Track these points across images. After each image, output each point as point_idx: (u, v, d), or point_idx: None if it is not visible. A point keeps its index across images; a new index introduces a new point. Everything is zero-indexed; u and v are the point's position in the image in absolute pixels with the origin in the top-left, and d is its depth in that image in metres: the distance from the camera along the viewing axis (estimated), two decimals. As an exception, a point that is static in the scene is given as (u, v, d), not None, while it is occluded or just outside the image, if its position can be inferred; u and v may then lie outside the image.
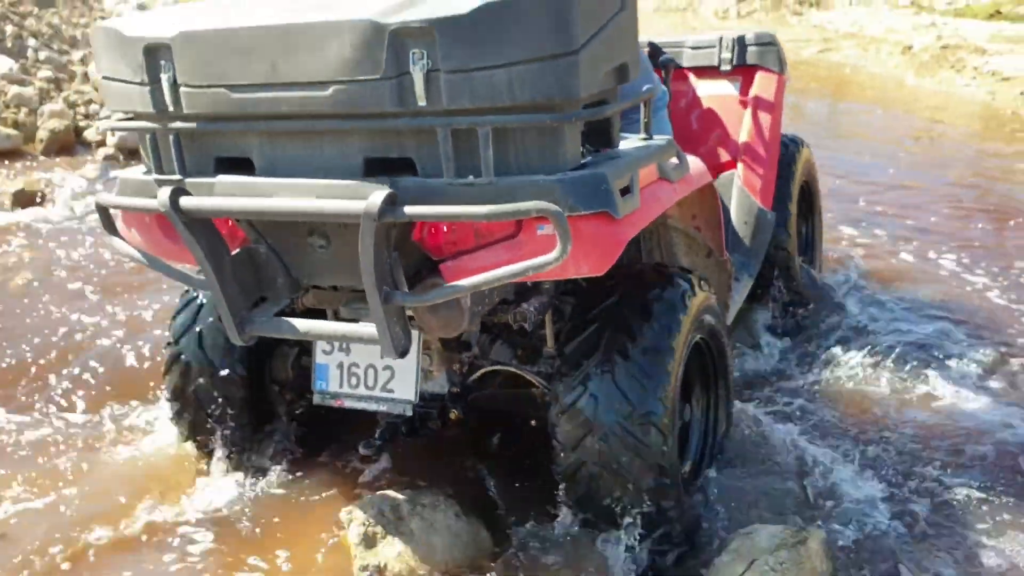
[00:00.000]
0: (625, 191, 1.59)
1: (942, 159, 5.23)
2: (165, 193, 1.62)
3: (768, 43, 2.78)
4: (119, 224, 1.88)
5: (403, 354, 1.68)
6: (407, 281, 1.64)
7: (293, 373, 2.24)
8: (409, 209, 1.50)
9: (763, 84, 2.75)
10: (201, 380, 2.21)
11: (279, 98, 1.59)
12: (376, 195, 1.49)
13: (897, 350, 2.67)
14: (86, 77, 5.84)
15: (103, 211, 1.81)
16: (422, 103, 1.50)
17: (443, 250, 1.69)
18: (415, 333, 1.88)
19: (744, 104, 2.77)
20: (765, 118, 2.70)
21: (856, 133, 5.85)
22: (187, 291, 2.27)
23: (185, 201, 1.64)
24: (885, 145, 5.47)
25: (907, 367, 2.60)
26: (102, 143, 5.22)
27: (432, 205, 1.51)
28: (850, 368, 2.62)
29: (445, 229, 1.67)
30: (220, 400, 2.22)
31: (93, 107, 5.57)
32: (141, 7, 9.49)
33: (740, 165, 2.69)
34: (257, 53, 1.58)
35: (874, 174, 4.78)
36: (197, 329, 2.21)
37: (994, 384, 2.54)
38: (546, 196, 1.48)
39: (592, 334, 1.87)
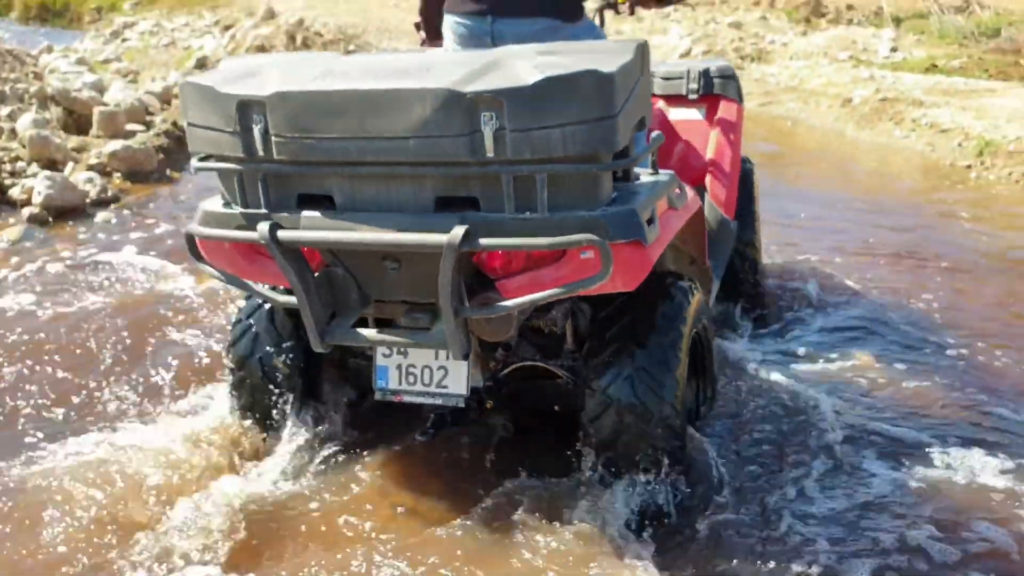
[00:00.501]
0: (649, 221, 2.01)
1: (884, 208, 5.24)
2: (264, 226, 2.02)
3: (729, 76, 3.30)
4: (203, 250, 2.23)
5: (466, 356, 2.14)
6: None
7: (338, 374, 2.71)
8: (485, 241, 1.94)
9: (726, 111, 3.24)
10: (268, 348, 2.56)
11: (365, 147, 1.96)
12: (458, 229, 1.91)
13: (838, 328, 3.52)
14: (13, 133, 5.64)
15: (191, 240, 2.18)
16: (490, 155, 1.89)
17: (498, 271, 2.13)
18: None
19: (709, 128, 3.24)
20: (728, 140, 3.15)
21: (798, 182, 5.85)
22: (243, 310, 2.66)
23: (284, 234, 2.03)
24: (826, 193, 5.48)
25: (849, 337, 3.46)
26: (27, 202, 5.00)
27: (499, 237, 1.94)
28: (810, 339, 3.46)
29: (501, 254, 2.09)
30: (282, 369, 2.57)
31: (20, 164, 5.35)
32: (80, 61, 9.33)
33: (708, 181, 3.10)
34: (347, 112, 1.94)
35: (815, 222, 4.76)
36: (268, 306, 2.57)
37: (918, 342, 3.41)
38: (591, 229, 1.90)
39: (617, 332, 2.33)
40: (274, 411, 2.60)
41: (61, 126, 5.76)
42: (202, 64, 8.91)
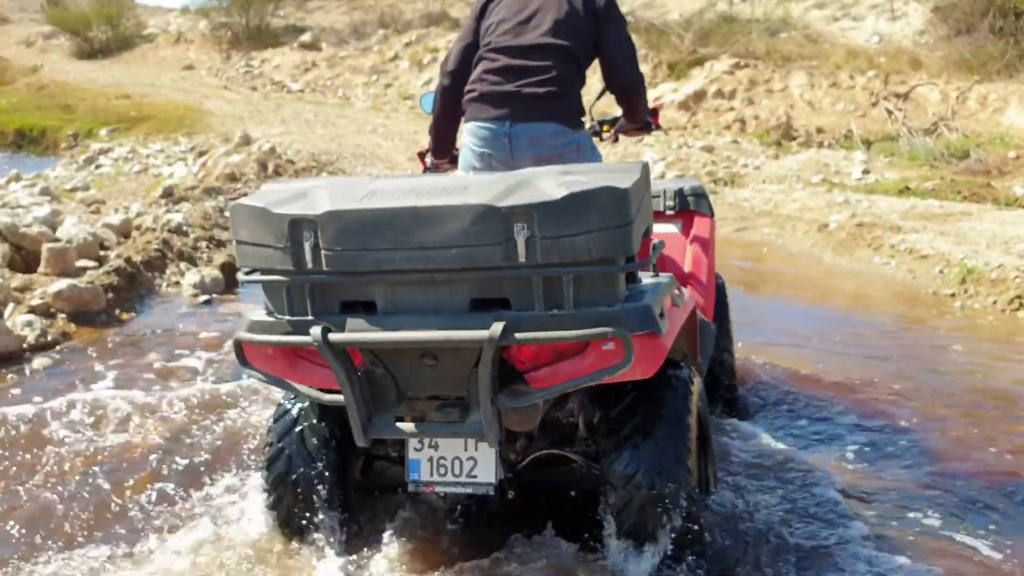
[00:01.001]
0: (661, 315, 2.26)
1: (869, 343, 4.99)
2: (317, 330, 2.24)
3: (701, 194, 3.67)
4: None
5: (500, 444, 2.36)
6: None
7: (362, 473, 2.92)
8: (521, 335, 2.17)
9: (700, 226, 3.58)
10: (302, 470, 2.73)
11: (409, 257, 2.21)
12: (497, 325, 2.15)
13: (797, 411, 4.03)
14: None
15: (238, 346, 2.41)
16: (522, 260, 2.16)
17: (527, 364, 2.34)
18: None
19: (686, 241, 3.55)
20: (703, 252, 3.45)
21: (778, 314, 5.62)
22: (281, 403, 2.84)
23: (337, 336, 2.26)
24: (806, 321, 5.25)
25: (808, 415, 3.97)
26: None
27: (531, 332, 2.19)
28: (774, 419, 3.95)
29: (531, 348, 2.30)
30: (316, 486, 2.73)
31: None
32: (44, 191, 9.15)
33: (688, 288, 3.19)
34: (394, 227, 2.20)
35: (794, 351, 4.50)
36: (298, 430, 2.75)
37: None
38: (612, 323, 2.15)
39: (632, 425, 2.54)
40: (311, 524, 2.77)
41: (7, 264, 5.49)
42: (169, 193, 8.72)
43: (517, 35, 3.06)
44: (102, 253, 5.91)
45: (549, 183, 2.22)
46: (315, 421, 2.76)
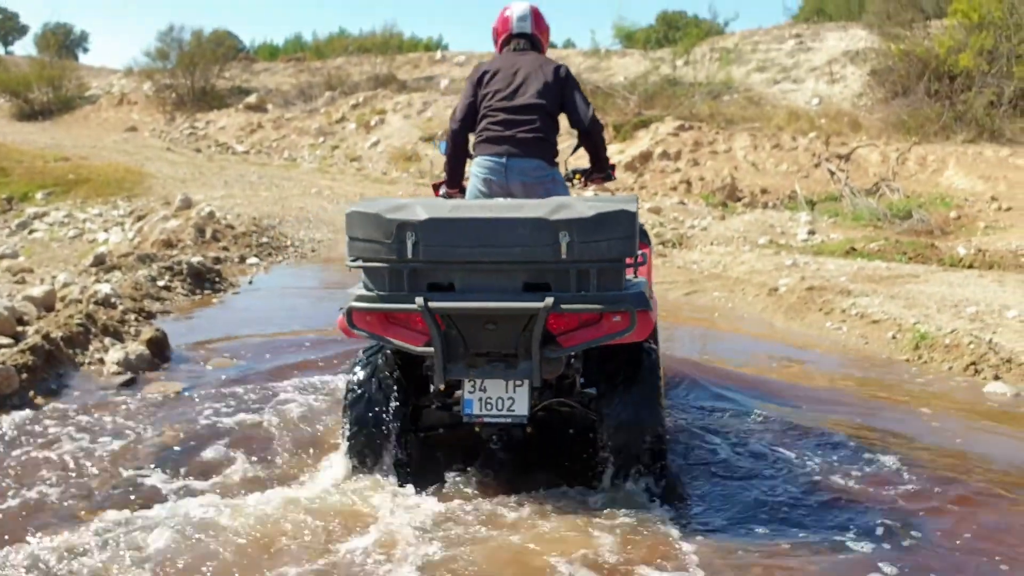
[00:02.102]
0: (649, 299, 3.34)
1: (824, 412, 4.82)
2: (421, 299, 3.20)
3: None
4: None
5: (540, 384, 3.38)
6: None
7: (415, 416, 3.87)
8: (567, 305, 3.20)
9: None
10: (377, 416, 3.63)
11: (484, 252, 3.21)
12: (549, 299, 3.16)
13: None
14: None
15: (349, 313, 3.33)
16: (564, 257, 3.17)
17: (557, 328, 3.33)
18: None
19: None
20: (646, 274, 3.87)
21: (734, 391, 5.43)
22: (360, 362, 3.73)
23: (436, 304, 3.22)
24: (762, 397, 5.06)
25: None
26: None
27: (574, 309, 3.22)
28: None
29: (563, 317, 3.29)
30: (386, 429, 3.63)
31: None
32: (23, 226, 8.78)
33: None
34: (474, 231, 3.21)
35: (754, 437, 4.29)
36: (374, 379, 3.66)
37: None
38: (622, 302, 3.20)
39: (625, 375, 3.59)
40: (379, 458, 3.65)
41: (-86, 343, 5.11)
42: (100, 261, 8.38)
43: (511, 99, 4.26)
44: (19, 329, 5.55)
45: (582, 206, 3.22)
46: (386, 373, 3.69)
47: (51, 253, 10.99)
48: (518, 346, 3.35)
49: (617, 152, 16.70)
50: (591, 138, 4.38)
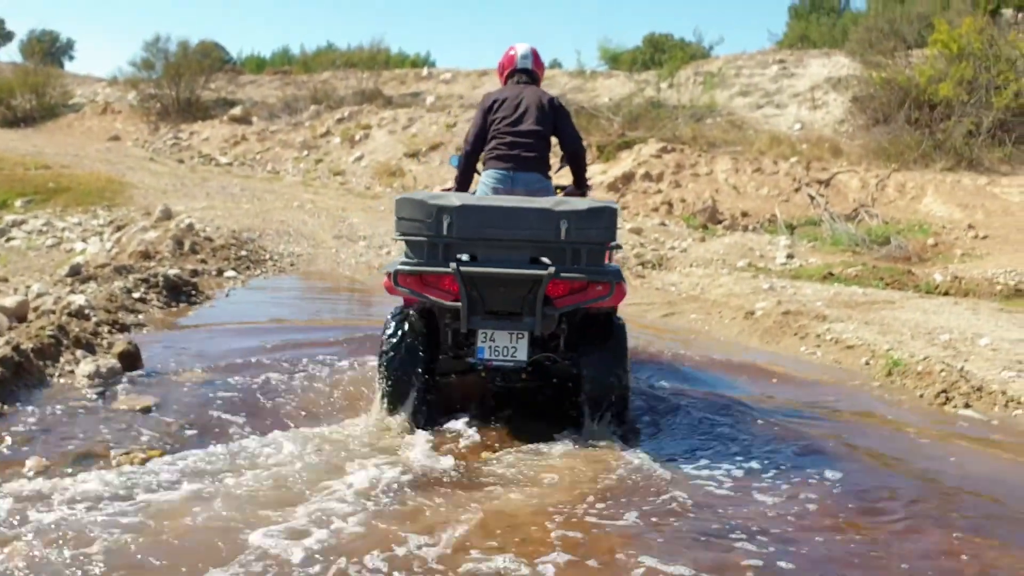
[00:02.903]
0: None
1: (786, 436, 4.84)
2: (455, 264, 4.25)
3: None
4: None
5: (542, 333, 4.44)
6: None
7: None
8: (565, 273, 4.26)
9: None
10: (409, 362, 4.57)
11: (503, 233, 4.30)
12: (551, 268, 4.22)
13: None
14: None
15: (396, 274, 4.36)
16: (563, 238, 4.22)
17: (553, 293, 4.35)
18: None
19: None
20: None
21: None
22: (393, 318, 4.68)
23: (466, 269, 4.27)
24: (734, 411, 5.07)
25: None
26: None
27: (568, 278, 4.28)
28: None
29: (558, 284, 4.32)
30: (415, 374, 4.58)
31: None
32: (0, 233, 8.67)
33: None
34: (497, 216, 4.31)
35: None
36: (406, 331, 4.61)
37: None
38: (605, 275, 4.31)
39: (594, 343, 4.61)
40: (406, 396, 4.57)
41: None
42: (76, 272, 8.31)
43: (515, 124, 5.21)
44: (-10, 339, 5.48)
45: (578, 202, 4.43)
46: (412, 330, 4.63)
47: (27, 262, 10.91)
48: (523, 305, 4.41)
49: (600, 172, 16.78)
50: (576, 160, 5.40)
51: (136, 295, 7.57)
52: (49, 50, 39.77)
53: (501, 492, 3.83)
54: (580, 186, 5.46)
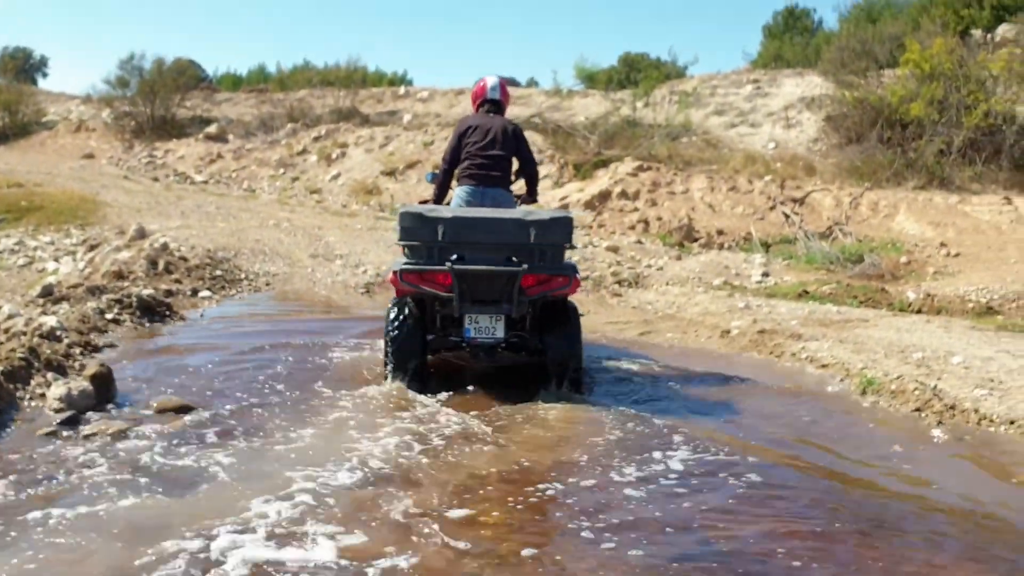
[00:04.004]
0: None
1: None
2: (449, 264, 5.50)
3: None
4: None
5: (517, 316, 5.77)
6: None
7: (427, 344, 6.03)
8: (532, 269, 5.58)
9: None
10: (410, 339, 5.78)
11: (485, 237, 5.60)
12: (525, 265, 5.52)
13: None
14: None
15: (401, 272, 5.65)
16: (532, 241, 5.55)
17: (525, 284, 5.62)
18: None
19: None
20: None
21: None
22: (395, 305, 5.87)
23: (458, 267, 5.52)
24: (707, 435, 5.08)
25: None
26: None
27: (535, 272, 5.61)
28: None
29: (531, 277, 5.61)
30: (417, 349, 5.83)
31: None
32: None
33: None
34: (480, 224, 5.64)
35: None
36: (408, 319, 5.80)
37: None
38: (566, 271, 5.72)
39: (557, 322, 5.92)
40: (409, 364, 5.77)
41: None
42: (48, 292, 8.21)
43: (484, 148, 6.29)
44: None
45: (543, 213, 5.77)
46: (414, 310, 5.87)
47: (-2, 282, 10.76)
48: (501, 295, 5.65)
49: (577, 190, 16.84)
50: (531, 178, 6.65)
51: (109, 316, 7.49)
52: (23, 67, 39.48)
53: (499, 437, 5.07)
54: (532, 196, 6.72)
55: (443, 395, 5.75)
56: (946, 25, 18.80)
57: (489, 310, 5.67)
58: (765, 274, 11.84)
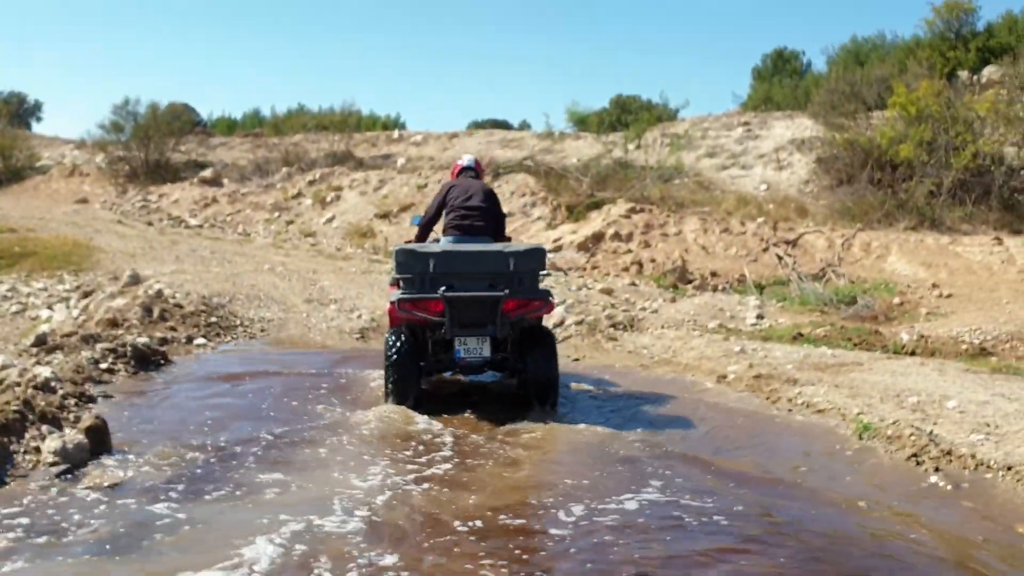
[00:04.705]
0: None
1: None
2: (442, 291, 6.39)
3: None
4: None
5: (501, 338, 6.67)
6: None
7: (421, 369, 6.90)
8: (512, 294, 6.53)
9: None
10: (407, 363, 6.56)
11: (470, 268, 6.59)
12: (506, 291, 6.47)
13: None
14: None
15: (399, 302, 6.52)
16: (512, 269, 6.56)
17: (506, 309, 6.55)
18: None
19: None
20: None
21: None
22: (392, 334, 6.70)
23: (448, 294, 6.40)
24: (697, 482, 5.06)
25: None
26: None
27: (514, 297, 6.57)
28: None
29: (511, 301, 6.55)
30: (413, 371, 6.64)
31: None
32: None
33: None
34: (466, 257, 6.67)
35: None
36: (404, 346, 6.56)
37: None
38: (542, 296, 6.74)
39: (535, 344, 6.82)
40: (407, 385, 6.56)
41: None
42: (42, 341, 8.19)
43: (465, 202, 7.19)
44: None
45: (520, 245, 6.83)
46: (409, 337, 6.62)
47: (-9, 330, 10.73)
48: (486, 318, 6.48)
49: (570, 232, 16.92)
50: (501, 225, 7.52)
51: (104, 365, 7.47)
52: (17, 112, 39.65)
53: (495, 449, 5.93)
54: (503, 238, 7.57)
55: (436, 423, 6.40)
56: (933, 67, 19.08)
57: (476, 332, 6.52)
58: (760, 316, 11.87)
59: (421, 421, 6.32)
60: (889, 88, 17.22)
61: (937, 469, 5.61)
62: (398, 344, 6.52)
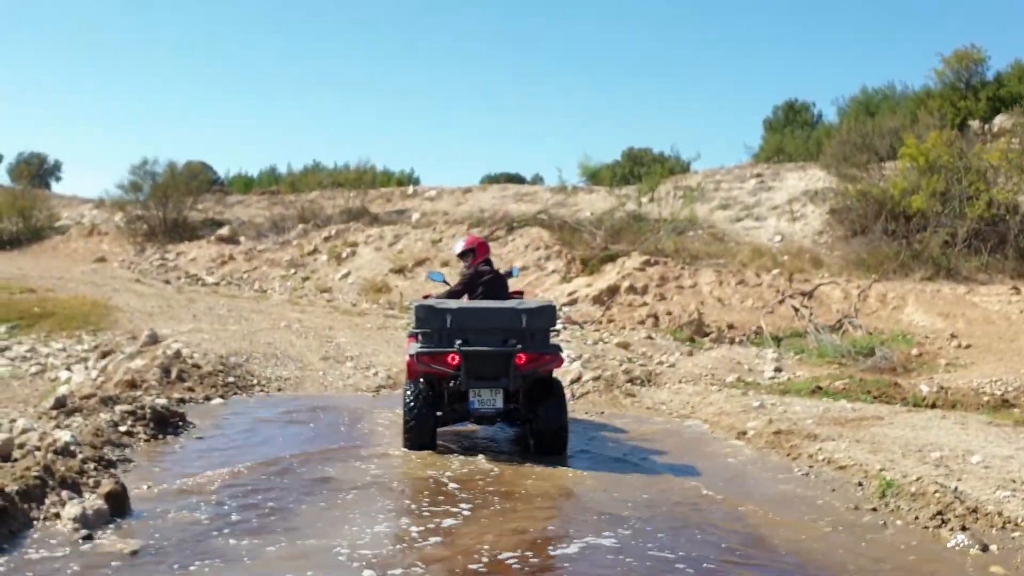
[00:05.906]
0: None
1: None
2: (458, 344, 6.93)
3: None
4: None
5: (513, 391, 7.12)
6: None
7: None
8: (524, 349, 7.00)
9: None
10: (424, 412, 7.14)
11: (485, 324, 7.09)
12: (519, 346, 6.96)
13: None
14: None
15: (418, 355, 7.06)
16: (524, 326, 7.03)
17: (519, 362, 7.01)
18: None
19: None
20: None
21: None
22: (410, 386, 7.27)
23: (465, 348, 6.94)
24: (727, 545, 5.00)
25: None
26: None
27: (527, 352, 7.04)
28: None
29: (523, 355, 7.01)
30: (430, 420, 7.20)
31: None
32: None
33: None
34: (481, 313, 7.21)
35: None
36: (422, 396, 7.16)
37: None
38: (552, 351, 7.21)
39: (545, 395, 7.28)
40: (423, 433, 7.13)
41: None
42: (61, 404, 8.22)
43: (492, 284, 7.93)
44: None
45: (532, 302, 7.51)
46: (426, 390, 7.17)
47: (11, 392, 10.77)
48: (500, 371, 6.94)
49: (584, 285, 16.95)
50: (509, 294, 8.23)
51: (123, 428, 7.49)
52: (37, 172, 40.34)
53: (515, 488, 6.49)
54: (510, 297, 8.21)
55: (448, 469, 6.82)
56: (944, 117, 19.18)
57: (490, 385, 7.00)
58: (778, 369, 11.81)
59: (432, 468, 6.78)
60: (900, 139, 17.31)
61: (964, 528, 5.53)
62: (416, 395, 7.09)
